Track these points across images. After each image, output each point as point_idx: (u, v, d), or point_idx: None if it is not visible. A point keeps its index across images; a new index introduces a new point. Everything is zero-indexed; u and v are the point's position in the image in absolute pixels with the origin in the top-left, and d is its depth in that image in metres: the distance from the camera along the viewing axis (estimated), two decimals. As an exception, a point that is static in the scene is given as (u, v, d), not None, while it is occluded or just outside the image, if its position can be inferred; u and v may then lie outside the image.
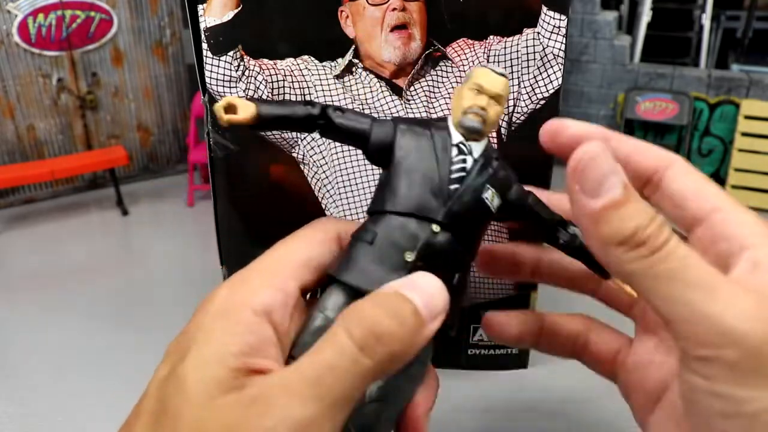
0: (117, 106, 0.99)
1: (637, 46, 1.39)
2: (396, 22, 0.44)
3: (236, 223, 0.50)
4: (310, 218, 0.52)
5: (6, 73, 0.89)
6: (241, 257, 0.53)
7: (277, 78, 0.45)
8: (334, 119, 0.25)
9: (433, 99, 0.46)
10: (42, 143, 0.95)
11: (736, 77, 1.13)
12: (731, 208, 0.22)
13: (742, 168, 1.20)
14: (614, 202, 0.19)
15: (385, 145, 0.25)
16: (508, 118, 0.47)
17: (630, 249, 0.19)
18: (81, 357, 0.58)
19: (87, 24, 0.92)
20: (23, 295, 0.70)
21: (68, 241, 0.83)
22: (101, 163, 0.92)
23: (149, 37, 0.98)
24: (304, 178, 0.48)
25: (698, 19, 1.70)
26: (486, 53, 0.45)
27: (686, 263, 0.19)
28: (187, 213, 0.91)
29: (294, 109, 0.25)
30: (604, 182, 0.20)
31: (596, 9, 1.15)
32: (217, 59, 0.44)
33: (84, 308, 0.66)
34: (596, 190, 0.20)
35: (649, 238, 0.19)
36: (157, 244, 0.82)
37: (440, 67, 0.46)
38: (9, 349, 0.60)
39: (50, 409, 0.51)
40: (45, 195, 0.96)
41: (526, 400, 0.52)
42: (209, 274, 0.58)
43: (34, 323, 0.64)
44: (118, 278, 0.73)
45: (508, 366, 0.55)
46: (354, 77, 0.46)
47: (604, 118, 1.32)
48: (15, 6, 0.87)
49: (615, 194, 0.19)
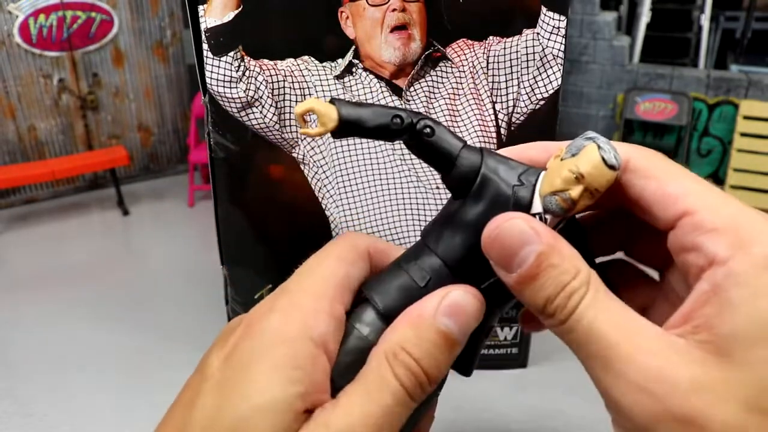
0: (118, 106, 0.99)
1: (637, 46, 1.39)
2: (396, 23, 0.44)
3: (237, 223, 0.50)
4: (310, 218, 0.53)
5: (7, 74, 0.89)
6: (242, 257, 0.53)
7: (278, 78, 0.45)
8: (423, 138, 0.22)
9: (433, 99, 0.46)
10: (43, 143, 0.95)
11: (735, 78, 1.13)
12: (703, 206, 0.19)
13: (741, 168, 1.20)
14: (524, 278, 0.20)
15: (468, 178, 0.23)
16: (507, 118, 0.47)
17: (545, 318, 0.20)
18: (81, 356, 0.58)
19: (88, 25, 0.92)
20: (23, 295, 0.70)
21: (69, 241, 0.83)
22: (102, 163, 0.92)
23: (150, 38, 0.98)
24: (304, 178, 0.48)
25: (697, 19, 1.70)
26: (486, 53, 0.45)
27: (589, 334, 0.19)
28: (188, 213, 0.91)
29: (378, 118, 0.22)
30: (515, 256, 0.20)
31: (596, 10, 1.15)
32: (218, 59, 0.44)
33: (84, 308, 0.66)
34: (509, 265, 0.20)
35: (556, 310, 0.20)
36: (158, 244, 0.82)
37: (440, 68, 0.46)
38: (9, 349, 0.60)
39: (50, 409, 0.52)
40: (46, 195, 0.96)
41: (526, 400, 0.52)
42: (209, 274, 0.59)
43: (34, 323, 0.64)
44: (118, 278, 0.73)
45: (508, 366, 0.55)
46: (354, 77, 0.46)
47: (603, 119, 1.32)
48: (16, 7, 0.87)
49: (525, 269, 0.20)
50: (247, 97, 0.45)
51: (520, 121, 0.47)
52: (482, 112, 0.47)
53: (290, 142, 0.47)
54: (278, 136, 0.47)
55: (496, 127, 0.47)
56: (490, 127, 0.47)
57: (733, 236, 0.18)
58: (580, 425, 0.49)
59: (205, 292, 0.63)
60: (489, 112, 0.47)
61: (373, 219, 0.48)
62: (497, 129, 0.47)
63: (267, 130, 0.47)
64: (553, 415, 0.50)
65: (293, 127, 0.47)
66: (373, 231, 0.49)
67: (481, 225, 0.22)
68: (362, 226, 0.49)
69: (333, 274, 0.22)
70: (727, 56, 1.92)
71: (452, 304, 0.21)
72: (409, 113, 0.22)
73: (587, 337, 0.19)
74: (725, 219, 0.19)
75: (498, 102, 0.47)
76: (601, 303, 0.20)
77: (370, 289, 0.23)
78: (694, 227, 0.19)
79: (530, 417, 0.50)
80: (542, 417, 0.50)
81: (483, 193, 0.22)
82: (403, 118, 0.22)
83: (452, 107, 0.47)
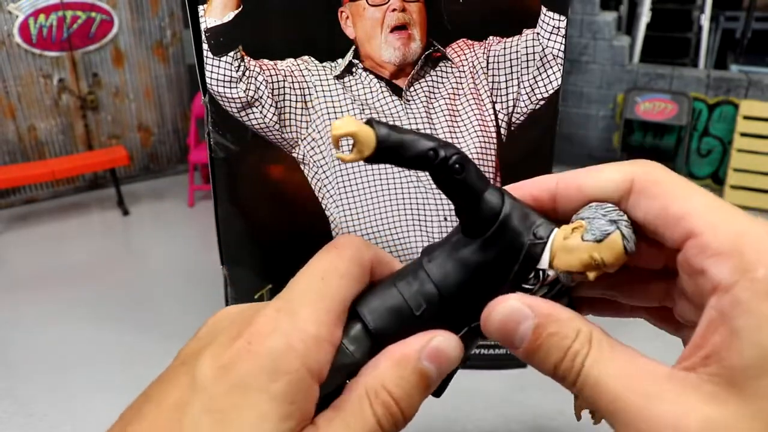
0: (118, 106, 0.99)
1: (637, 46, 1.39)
2: (396, 23, 0.44)
3: (237, 223, 0.50)
4: (310, 218, 0.53)
5: (7, 74, 0.89)
6: (241, 257, 0.53)
7: (278, 78, 0.45)
8: (453, 175, 0.22)
9: (433, 99, 0.46)
10: (43, 143, 0.95)
11: (735, 78, 1.13)
12: (706, 227, 0.19)
13: (741, 168, 1.20)
14: (528, 351, 0.21)
15: (487, 221, 0.22)
16: (507, 118, 0.47)
17: (559, 382, 0.21)
18: (81, 356, 0.58)
19: (88, 25, 0.92)
20: (24, 295, 0.70)
21: (69, 241, 0.83)
22: (102, 163, 0.92)
23: (150, 38, 0.98)
24: (304, 178, 0.48)
25: (697, 19, 1.70)
26: (486, 53, 0.45)
27: (597, 390, 0.20)
28: (188, 213, 0.91)
29: (416, 148, 0.22)
30: (515, 334, 0.21)
31: (596, 10, 1.15)
32: (218, 59, 0.44)
33: (84, 308, 0.66)
34: (512, 343, 0.22)
35: (565, 374, 0.21)
36: (158, 244, 0.82)
37: (440, 68, 0.46)
38: (9, 349, 0.60)
39: (50, 409, 0.52)
40: (46, 195, 0.96)
41: (526, 400, 0.52)
42: (209, 273, 0.59)
43: (34, 323, 0.64)
44: (118, 278, 0.73)
45: (508, 366, 0.55)
46: (354, 77, 0.46)
47: (603, 119, 1.32)
48: (16, 7, 0.87)
49: (527, 343, 0.21)
50: (247, 97, 0.45)
51: (520, 121, 0.47)
52: (482, 112, 0.47)
53: (290, 142, 0.47)
54: (278, 136, 0.47)
55: (496, 127, 0.47)
56: (490, 127, 0.47)
57: (737, 259, 0.18)
58: (580, 425, 0.49)
59: (205, 292, 0.63)
60: (489, 112, 0.47)
61: (373, 219, 0.48)
62: (497, 129, 0.47)
63: (267, 130, 0.47)
64: (553, 415, 0.50)
65: (293, 127, 0.47)
66: (373, 231, 0.49)
67: (486, 270, 0.22)
68: (362, 227, 0.49)
69: (337, 295, 0.22)
70: (727, 56, 1.92)
71: (436, 349, 0.22)
72: (442, 146, 0.22)
73: (597, 394, 0.20)
74: (729, 240, 0.18)
75: (498, 102, 0.47)
76: (606, 357, 0.20)
77: (363, 305, 0.23)
78: (699, 250, 0.19)
79: (530, 417, 0.50)
80: (542, 417, 0.50)
81: (497, 241, 0.23)
82: (438, 152, 0.22)
83: (452, 107, 0.47)
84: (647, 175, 0.21)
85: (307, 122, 0.47)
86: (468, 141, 0.47)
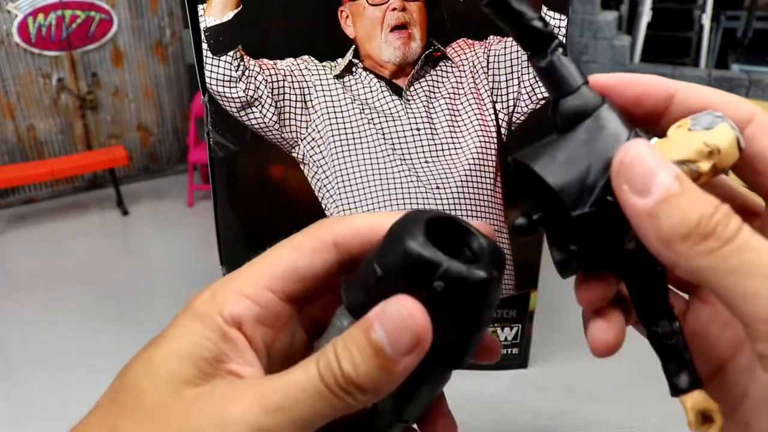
0: (117, 106, 0.99)
1: (637, 46, 1.39)
2: (396, 22, 0.44)
3: (236, 223, 0.50)
4: (310, 218, 0.52)
5: (6, 73, 0.89)
6: (241, 257, 0.53)
7: (277, 78, 0.45)
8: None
9: (433, 99, 0.46)
10: (42, 143, 0.95)
11: (736, 77, 1.13)
12: None
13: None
14: (669, 195, 0.18)
15: (584, 112, 0.22)
16: (508, 118, 0.47)
17: (697, 242, 0.17)
18: (81, 357, 0.58)
19: (87, 24, 0.92)
20: (23, 295, 0.70)
21: (68, 241, 0.83)
22: (101, 163, 0.92)
23: (149, 37, 0.98)
24: (304, 178, 0.48)
25: (698, 19, 1.70)
26: (486, 53, 0.45)
27: (766, 255, 0.17)
28: (187, 213, 0.91)
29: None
30: (654, 177, 0.18)
31: (596, 9, 1.15)
32: (217, 59, 0.44)
33: (84, 308, 0.66)
34: (647, 186, 0.18)
35: (717, 228, 0.17)
36: (157, 244, 0.82)
37: (440, 67, 0.46)
38: (9, 349, 0.60)
39: (50, 409, 0.51)
40: (45, 195, 0.96)
41: (526, 400, 0.52)
42: (209, 274, 0.58)
43: (34, 323, 0.64)
44: (118, 278, 0.73)
45: (508, 366, 0.55)
46: (354, 77, 0.46)
47: (604, 118, 1.31)
48: (15, 6, 0.87)
49: (669, 187, 0.18)
50: (246, 97, 0.45)
51: (521, 120, 0.46)
52: (482, 111, 0.47)
53: (290, 141, 0.47)
54: (278, 136, 0.47)
55: (496, 127, 0.47)
56: (491, 127, 0.47)
57: None
58: (580, 425, 0.49)
59: (204, 292, 0.63)
60: (489, 112, 0.47)
61: (373, 219, 0.48)
62: (497, 129, 0.47)
63: (267, 129, 0.46)
64: (553, 416, 0.50)
65: (293, 127, 0.47)
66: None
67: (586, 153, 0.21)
68: (362, 226, 0.48)
69: (276, 264, 0.24)
70: (728, 56, 1.92)
71: (382, 311, 0.20)
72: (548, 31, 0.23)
73: (765, 257, 0.17)
74: None
75: (498, 102, 0.46)
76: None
77: (344, 285, 0.24)
78: None
79: (530, 417, 0.50)
80: (542, 417, 0.50)
81: (587, 133, 0.21)
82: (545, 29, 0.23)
83: (452, 107, 0.46)
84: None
85: (307, 122, 0.47)
86: (468, 141, 0.47)
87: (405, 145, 0.47)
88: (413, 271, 0.21)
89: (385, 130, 0.47)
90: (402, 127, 0.47)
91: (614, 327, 0.23)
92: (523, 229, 0.22)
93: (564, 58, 0.22)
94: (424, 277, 0.21)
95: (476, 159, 0.47)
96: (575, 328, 0.34)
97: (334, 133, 0.47)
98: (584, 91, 0.22)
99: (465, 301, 0.21)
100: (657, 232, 0.18)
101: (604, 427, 0.48)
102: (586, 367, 0.54)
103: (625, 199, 0.19)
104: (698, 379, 0.22)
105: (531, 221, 0.22)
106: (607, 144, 0.20)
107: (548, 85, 0.23)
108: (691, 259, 0.18)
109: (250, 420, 0.19)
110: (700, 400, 0.21)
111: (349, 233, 0.24)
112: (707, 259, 0.17)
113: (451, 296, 0.21)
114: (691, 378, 0.21)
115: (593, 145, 0.21)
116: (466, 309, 0.22)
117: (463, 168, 0.47)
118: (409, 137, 0.47)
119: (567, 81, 0.22)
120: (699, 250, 0.17)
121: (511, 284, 0.51)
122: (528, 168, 0.22)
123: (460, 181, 0.47)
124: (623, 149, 0.19)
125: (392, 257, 0.21)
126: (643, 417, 0.49)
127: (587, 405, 0.51)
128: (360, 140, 0.47)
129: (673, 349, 0.22)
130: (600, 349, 0.23)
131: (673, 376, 0.22)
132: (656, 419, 0.49)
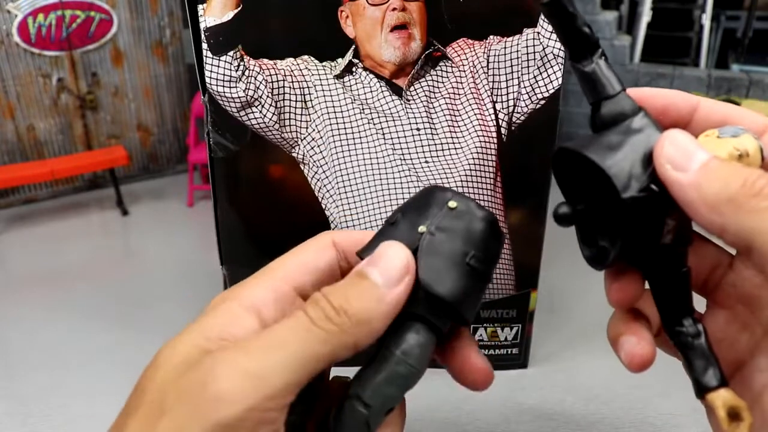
0: (117, 106, 0.99)
1: (637, 46, 1.38)
2: (396, 22, 0.44)
3: (236, 223, 0.50)
4: (309, 218, 0.52)
5: (6, 73, 0.89)
6: (241, 257, 0.53)
7: (277, 78, 0.45)
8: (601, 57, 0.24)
9: (433, 99, 0.46)
10: (42, 143, 0.95)
11: (736, 77, 1.13)
12: None
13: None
14: (710, 167, 0.19)
15: (623, 115, 0.23)
16: (508, 117, 0.47)
17: (744, 202, 0.18)
18: (81, 356, 0.58)
19: (87, 24, 0.92)
20: (23, 295, 0.70)
21: (68, 241, 0.83)
22: (101, 163, 0.92)
23: (149, 37, 0.98)
24: (304, 178, 0.48)
25: (698, 19, 1.70)
26: (486, 53, 0.45)
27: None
28: (187, 213, 0.91)
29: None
30: (693, 155, 0.20)
31: (596, 9, 1.15)
32: (217, 59, 0.44)
33: (84, 308, 0.66)
34: (688, 161, 0.20)
35: (764, 188, 0.18)
36: (157, 244, 0.82)
37: (440, 67, 0.46)
38: (9, 349, 0.60)
39: (50, 409, 0.51)
40: (45, 195, 0.96)
41: (526, 400, 0.52)
42: (209, 274, 0.58)
43: (34, 323, 0.64)
44: (118, 278, 0.73)
45: (508, 366, 0.55)
46: (354, 77, 0.46)
47: (604, 118, 1.31)
48: (15, 6, 0.87)
49: (708, 161, 0.19)
50: (246, 97, 0.45)
51: (521, 120, 0.46)
52: (482, 111, 0.47)
53: (290, 141, 0.47)
54: (278, 136, 0.47)
55: (496, 127, 0.47)
56: (491, 127, 0.47)
57: None
58: (580, 425, 0.49)
59: (205, 292, 0.63)
60: (489, 112, 0.47)
61: (373, 219, 0.48)
62: (497, 129, 0.47)
63: (266, 129, 0.46)
64: (553, 416, 0.50)
65: (293, 127, 0.47)
66: (373, 231, 0.49)
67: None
68: (362, 227, 0.48)
69: (286, 260, 0.26)
70: (729, 56, 1.92)
71: (378, 252, 0.22)
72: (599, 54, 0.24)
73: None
74: None
75: (498, 101, 0.46)
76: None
77: (361, 251, 0.25)
78: None
79: (530, 417, 0.50)
80: (542, 417, 0.50)
81: (628, 132, 0.23)
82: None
83: (452, 107, 0.46)
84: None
85: (307, 122, 0.47)
86: (468, 141, 0.47)
87: (405, 145, 0.47)
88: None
89: (385, 130, 0.47)
90: (402, 127, 0.47)
91: (645, 341, 0.24)
92: (565, 218, 0.24)
93: (606, 64, 0.24)
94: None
95: (476, 159, 0.47)
96: (575, 328, 0.34)
97: (334, 133, 0.47)
98: (623, 97, 0.23)
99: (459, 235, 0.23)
100: (703, 199, 0.19)
101: (604, 427, 0.48)
102: (586, 367, 0.54)
103: (668, 176, 0.20)
104: (725, 378, 0.22)
105: (575, 210, 0.24)
106: (647, 140, 0.22)
107: (589, 89, 0.24)
108: (740, 220, 0.18)
109: (240, 365, 0.19)
110: (729, 398, 0.21)
111: (346, 234, 0.27)
112: (756, 217, 0.18)
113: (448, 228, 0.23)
114: (718, 376, 0.22)
115: (634, 141, 0.22)
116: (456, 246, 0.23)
117: (463, 168, 0.47)
118: (409, 137, 0.47)
119: (607, 87, 0.24)
120: (748, 209, 0.18)
121: (511, 284, 0.51)
122: (571, 159, 0.23)
123: (460, 181, 0.47)
124: (664, 135, 0.21)
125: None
126: (644, 417, 0.49)
127: (587, 405, 0.51)
128: (360, 140, 0.47)
129: (700, 348, 0.23)
130: (637, 364, 0.24)
131: (701, 375, 0.22)
132: (656, 419, 0.49)
